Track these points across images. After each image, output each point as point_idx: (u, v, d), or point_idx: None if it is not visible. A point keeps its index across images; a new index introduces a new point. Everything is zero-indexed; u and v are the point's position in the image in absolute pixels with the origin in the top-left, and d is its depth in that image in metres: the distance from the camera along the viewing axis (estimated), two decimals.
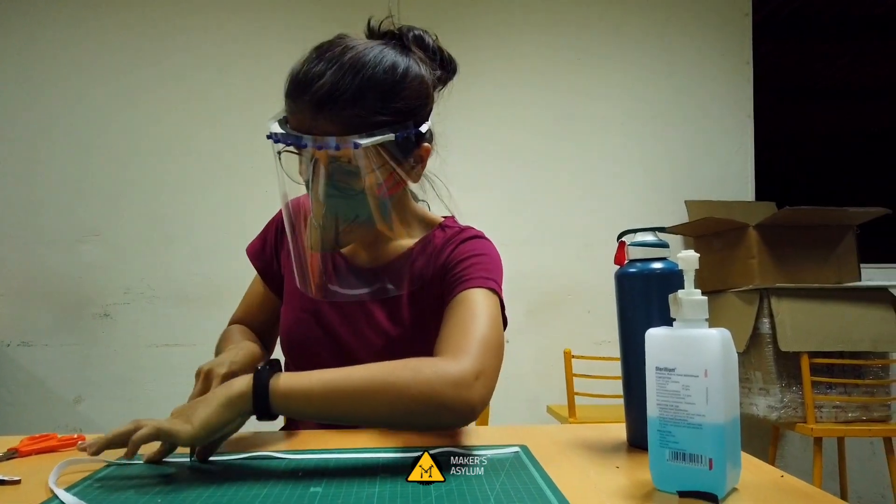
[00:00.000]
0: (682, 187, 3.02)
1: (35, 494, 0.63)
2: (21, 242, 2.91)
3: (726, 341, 0.62)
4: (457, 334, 0.86)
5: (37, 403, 2.83)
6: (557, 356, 2.48)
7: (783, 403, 2.31)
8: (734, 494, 0.62)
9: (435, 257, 1.02)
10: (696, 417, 0.61)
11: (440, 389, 0.76)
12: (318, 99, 0.85)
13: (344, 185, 0.89)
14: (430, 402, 0.76)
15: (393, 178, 0.92)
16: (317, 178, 0.87)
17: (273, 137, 0.88)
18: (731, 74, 3.11)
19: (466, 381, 0.78)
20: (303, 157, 0.89)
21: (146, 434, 0.70)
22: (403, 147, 0.90)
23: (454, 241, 1.02)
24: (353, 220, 0.92)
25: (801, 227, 2.47)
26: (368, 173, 0.88)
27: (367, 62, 0.88)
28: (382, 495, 0.61)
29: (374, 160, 0.87)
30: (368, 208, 0.91)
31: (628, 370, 0.82)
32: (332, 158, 0.86)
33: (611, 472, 0.70)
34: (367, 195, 0.90)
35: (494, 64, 3.07)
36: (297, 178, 0.92)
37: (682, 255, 0.65)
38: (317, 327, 1.03)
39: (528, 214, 2.98)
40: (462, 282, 0.95)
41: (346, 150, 0.84)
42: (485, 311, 0.90)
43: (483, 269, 0.97)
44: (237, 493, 0.62)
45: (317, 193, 0.88)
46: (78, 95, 2.96)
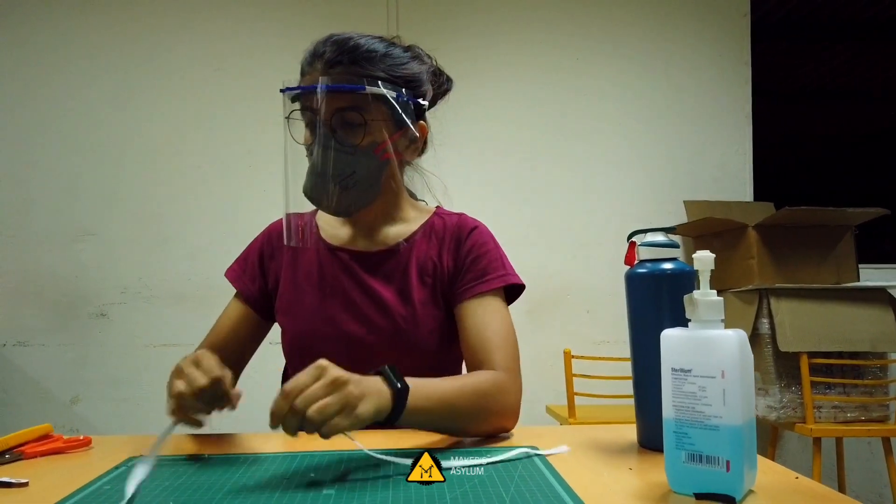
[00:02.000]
0: (680, 187, 3.02)
1: (42, 498, 0.62)
2: (17, 242, 2.88)
3: (743, 342, 0.61)
4: (504, 347, 0.97)
5: (33, 403, 2.81)
6: (556, 356, 2.48)
7: (782, 403, 2.31)
8: (751, 497, 0.62)
9: (442, 242, 1.07)
10: (713, 419, 0.60)
11: (510, 406, 0.92)
12: (330, 59, 0.95)
13: (346, 136, 0.96)
14: (503, 414, 0.90)
15: (392, 144, 1.00)
16: (322, 126, 0.94)
17: (286, 90, 0.97)
18: (730, 75, 3.11)
19: (519, 397, 0.94)
20: (310, 112, 0.96)
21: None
22: (404, 110, 0.98)
23: (463, 229, 1.08)
24: (349, 176, 0.96)
25: (799, 228, 2.47)
26: (369, 126, 0.96)
27: (376, 38, 1.01)
28: (397, 497, 0.61)
29: (376, 114, 0.96)
30: (365, 167, 0.97)
31: (639, 371, 0.81)
32: (336, 109, 0.94)
33: (624, 473, 0.70)
34: (366, 153, 0.96)
35: (492, 64, 3.07)
36: (302, 140, 1.00)
37: (698, 255, 0.64)
38: (324, 326, 1.03)
39: (526, 214, 2.97)
40: (485, 281, 1.02)
41: (352, 96, 0.93)
42: (509, 320, 1.01)
43: (500, 265, 1.04)
44: (250, 495, 0.62)
45: (322, 139, 0.94)
46: (72, 95, 2.94)
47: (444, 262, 1.05)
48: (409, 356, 1.00)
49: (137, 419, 2.81)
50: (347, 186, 0.97)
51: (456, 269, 1.04)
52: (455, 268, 1.05)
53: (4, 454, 0.77)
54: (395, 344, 1.01)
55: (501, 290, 1.03)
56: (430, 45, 1.12)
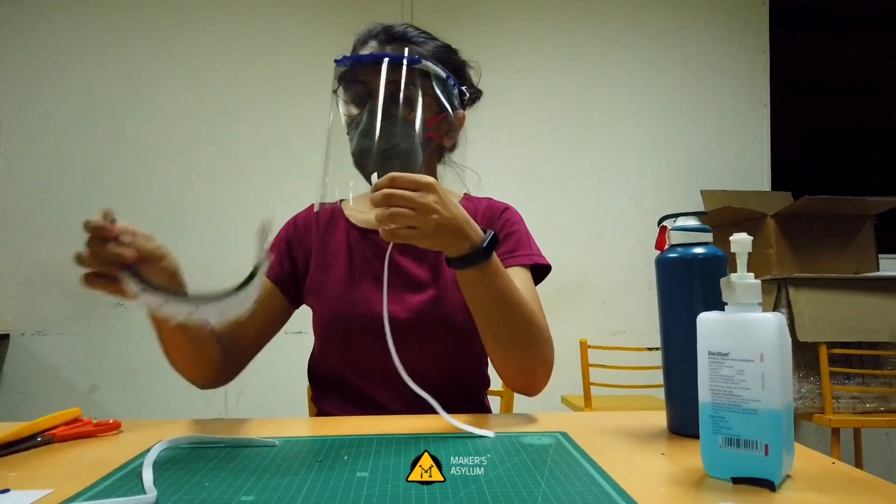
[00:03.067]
0: (697, 177, 3.00)
1: (80, 479, 0.62)
2: (35, 233, 2.91)
3: (782, 325, 0.60)
4: (539, 310, 0.99)
5: (52, 392, 2.84)
6: (572, 346, 2.48)
7: (800, 394, 2.29)
8: (788, 481, 0.61)
9: (479, 221, 1.07)
10: (752, 403, 0.59)
11: (546, 357, 0.96)
12: (385, 38, 1.01)
13: (398, 108, 0.97)
14: (539, 356, 0.94)
15: (436, 124, 1.03)
16: (376, 96, 0.95)
17: (342, 60, 0.99)
18: (748, 63, 3.08)
19: (552, 357, 0.98)
20: (361, 84, 0.99)
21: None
22: (449, 94, 1.02)
23: (495, 209, 1.13)
24: (395, 146, 0.97)
25: (819, 217, 2.45)
26: (420, 101, 0.98)
27: (426, 29, 1.08)
28: None
29: (427, 90, 0.99)
30: (412, 140, 0.98)
31: (670, 356, 0.80)
32: (390, 81, 0.95)
33: (657, 458, 0.69)
34: (415, 127, 0.98)
35: (506, 54, 3.05)
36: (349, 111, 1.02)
37: (736, 237, 0.64)
38: (356, 307, 1.04)
39: (541, 204, 2.96)
40: (514, 257, 1.06)
41: (408, 70, 0.96)
42: (537, 294, 1.04)
43: (529, 245, 1.09)
44: (283, 479, 0.62)
45: (374, 106, 0.95)
46: (90, 89, 2.96)
47: None
48: (440, 333, 1.02)
49: (155, 408, 2.84)
50: (393, 156, 0.97)
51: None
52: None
53: (36, 437, 0.78)
54: (426, 322, 1.02)
55: (528, 268, 1.06)
56: (444, 34, 1.12)
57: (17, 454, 0.73)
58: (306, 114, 2.88)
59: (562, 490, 0.57)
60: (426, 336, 1.02)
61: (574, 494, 0.56)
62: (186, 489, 0.59)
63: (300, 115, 2.89)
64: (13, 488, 0.59)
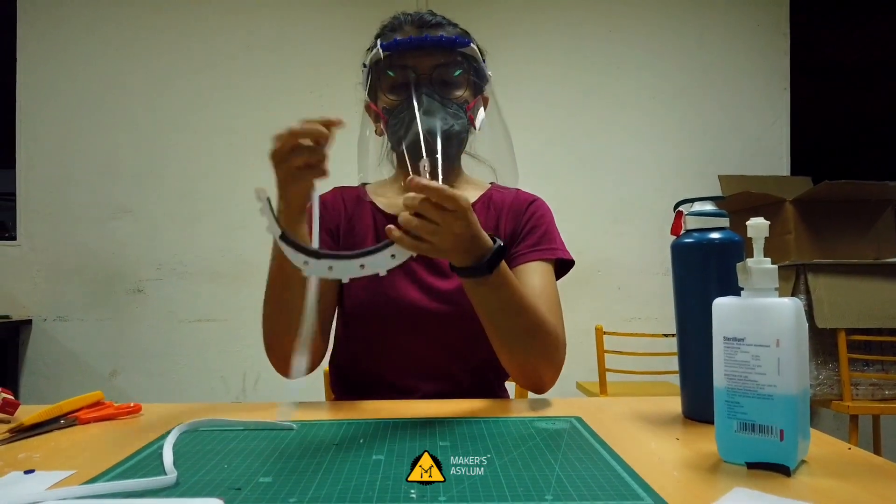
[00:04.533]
0: (714, 161, 2.97)
1: (103, 459, 0.64)
2: (56, 220, 2.95)
3: (798, 311, 0.60)
4: (554, 312, 0.98)
5: (74, 376, 2.89)
6: (586, 333, 2.47)
7: (819, 381, 2.28)
8: (803, 466, 0.61)
9: (501, 212, 1.10)
10: (767, 388, 0.59)
11: (555, 359, 0.95)
12: (421, 22, 1.01)
13: (444, 91, 0.98)
14: (547, 359, 0.93)
15: (473, 107, 1.02)
16: (422, 81, 0.96)
17: (385, 45, 0.97)
18: (767, 45, 3.03)
19: (562, 359, 0.97)
20: (403, 70, 0.98)
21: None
22: (482, 77, 1.04)
23: (523, 200, 1.12)
24: (450, 127, 0.97)
25: (839, 202, 2.42)
26: (464, 84, 1.00)
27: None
28: (446, 461, 0.61)
29: (468, 74, 1.01)
30: (456, 123, 0.98)
31: (685, 342, 0.80)
32: (436, 65, 0.97)
33: (671, 443, 0.69)
34: (460, 110, 0.99)
35: (522, 37, 3.03)
36: (385, 97, 1.01)
37: (752, 222, 0.63)
38: (384, 294, 1.04)
39: (556, 189, 2.94)
40: (539, 250, 1.05)
41: (452, 53, 0.97)
42: (557, 291, 1.03)
43: (554, 239, 1.08)
44: (301, 461, 0.63)
45: (429, 90, 0.96)
46: (109, 75, 2.98)
47: (502, 230, 1.08)
48: (467, 322, 1.01)
49: (174, 392, 2.88)
50: (447, 139, 0.97)
51: (514, 236, 1.08)
52: (513, 234, 1.08)
53: (59, 419, 0.79)
54: (453, 310, 1.02)
55: (552, 262, 1.05)
56: (458, 17, 1.11)
57: (42, 436, 0.74)
58: (322, 102, 2.88)
59: (576, 474, 0.58)
60: (455, 325, 1.02)
61: (588, 478, 0.57)
62: (206, 471, 0.60)
63: (317, 104, 2.89)
64: (38, 469, 0.61)
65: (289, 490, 0.54)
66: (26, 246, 2.94)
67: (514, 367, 0.94)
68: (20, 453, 0.67)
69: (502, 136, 1.06)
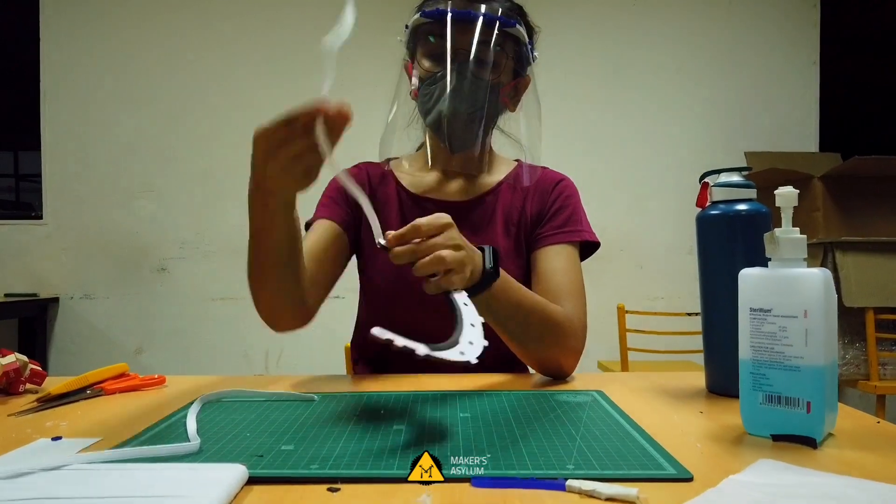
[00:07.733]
0: (741, 137, 2.91)
1: (128, 428, 0.65)
2: (80, 200, 2.99)
3: (828, 281, 0.59)
4: (575, 296, 0.97)
5: (100, 354, 2.95)
6: (608, 312, 2.46)
7: (845, 360, 2.25)
8: (830, 439, 0.60)
9: (527, 192, 1.08)
10: (794, 359, 0.58)
11: (572, 348, 0.91)
12: None
13: (481, 70, 0.95)
14: (564, 351, 0.90)
15: (511, 89, 1.01)
16: (467, 51, 0.93)
17: (428, 13, 0.95)
18: (797, 18, 2.96)
19: (582, 344, 0.94)
20: (444, 40, 0.93)
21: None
22: (524, 59, 1.01)
23: (550, 179, 1.10)
24: (479, 109, 0.96)
25: (869, 178, 2.37)
26: (503, 66, 0.97)
27: None
28: (467, 434, 0.61)
29: (508, 55, 0.98)
30: (487, 104, 0.96)
31: (710, 315, 0.79)
32: (479, 41, 0.93)
33: (695, 416, 0.68)
34: (494, 91, 0.96)
35: (546, 7, 2.98)
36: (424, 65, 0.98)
37: (781, 191, 0.62)
38: (407, 276, 1.01)
39: (578, 167, 2.91)
40: (564, 232, 1.03)
41: (495, 32, 0.94)
42: (581, 273, 1.01)
43: (580, 220, 1.06)
44: (322, 430, 0.63)
45: (463, 67, 0.93)
46: (130, 56, 3.00)
47: (528, 211, 1.07)
48: None
49: (198, 369, 2.92)
50: (473, 120, 0.96)
51: (539, 216, 1.06)
52: (539, 214, 1.06)
53: (86, 390, 0.81)
54: None
55: (577, 244, 1.04)
56: None
57: (68, 405, 0.76)
58: (341, 78, 2.87)
59: (597, 444, 0.57)
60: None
61: (610, 448, 0.56)
62: (228, 439, 0.60)
63: (339, 82, 2.88)
64: (65, 436, 0.62)
65: (311, 457, 0.54)
66: (52, 225, 2.98)
67: (532, 362, 0.93)
68: (48, 421, 0.68)
69: (535, 117, 1.05)
